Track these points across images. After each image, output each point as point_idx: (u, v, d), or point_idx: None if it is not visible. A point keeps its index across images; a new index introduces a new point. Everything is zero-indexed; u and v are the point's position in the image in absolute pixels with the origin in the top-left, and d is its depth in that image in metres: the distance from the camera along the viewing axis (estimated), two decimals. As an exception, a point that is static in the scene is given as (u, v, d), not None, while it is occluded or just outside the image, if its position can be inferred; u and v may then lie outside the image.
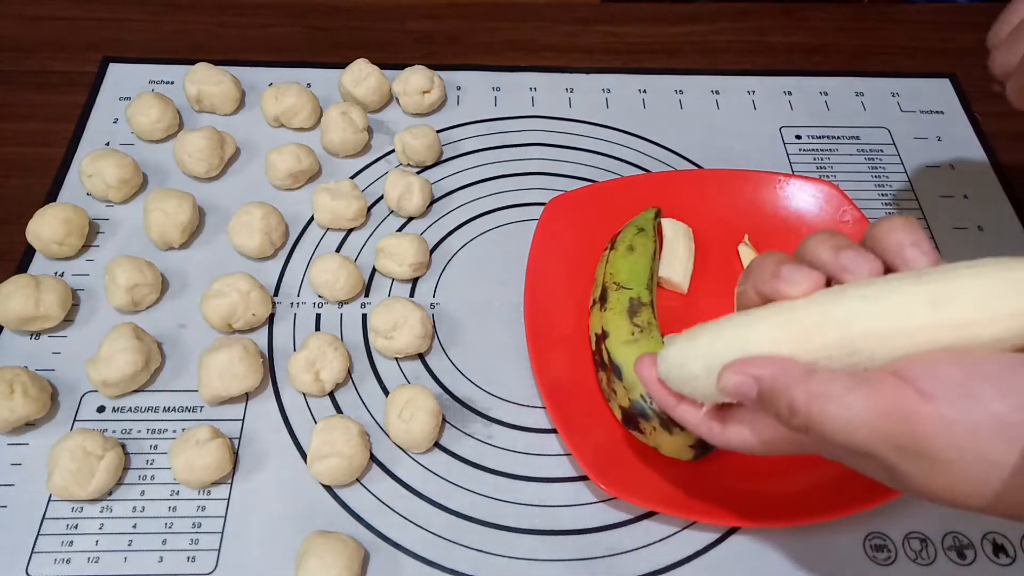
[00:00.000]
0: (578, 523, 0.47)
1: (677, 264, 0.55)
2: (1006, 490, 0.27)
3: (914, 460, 0.28)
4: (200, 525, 0.46)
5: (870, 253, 0.32)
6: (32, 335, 0.53)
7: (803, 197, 0.57)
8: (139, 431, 0.49)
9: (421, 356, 0.53)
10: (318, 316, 0.55)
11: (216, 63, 0.65)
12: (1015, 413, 0.26)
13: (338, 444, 0.46)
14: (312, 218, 0.59)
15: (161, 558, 0.45)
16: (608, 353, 0.48)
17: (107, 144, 0.63)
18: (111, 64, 0.69)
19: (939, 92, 0.70)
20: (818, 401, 0.29)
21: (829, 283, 0.32)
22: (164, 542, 0.45)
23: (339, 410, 0.51)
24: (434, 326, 0.54)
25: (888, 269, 0.31)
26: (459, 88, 0.69)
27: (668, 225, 0.56)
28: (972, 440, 0.26)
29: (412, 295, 0.56)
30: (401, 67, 0.66)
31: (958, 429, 0.27)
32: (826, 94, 0.70)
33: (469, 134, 0.66)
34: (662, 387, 0.36)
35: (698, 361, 0.33)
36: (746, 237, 0.57)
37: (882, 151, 0.66)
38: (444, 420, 0.50)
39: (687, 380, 0.34)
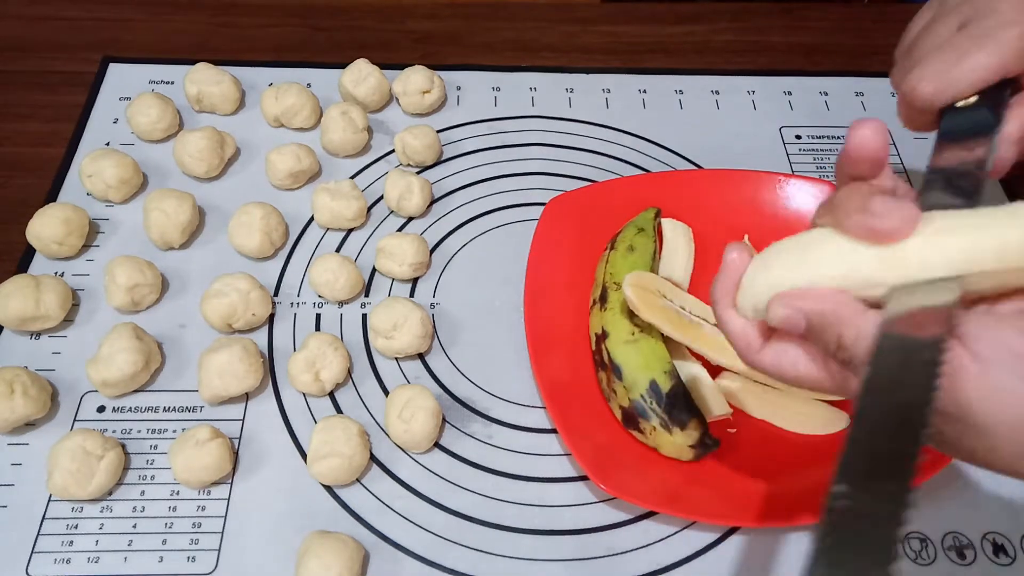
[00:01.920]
0: (578, 523, 0.47)
1: (677, 264, 0.55)
2: None
3: (949, 421, 0.27)
4: (200, 525, 0.46)
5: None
6: (32, 335, 0.53)
7: (803, 197, 0.57)
8: (139, 431, 0.49)
9: (421, 356, 0.53)
10: (318, 316, 0.55)
11: (216, 63, 0.65)
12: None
13: (338, 444, 0.46)
14: (312, 218, 0.59)
15: (161, 558, 0.45)
16: (608, 353, 0.48)
17: (107, 144, 0.63)
18: (111, 64, 0.69)
19: (939, 92, 0.70)
20: (865, 341, 0.28)
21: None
22: (164, 542, 0.45)
23: (339, 410, 0.51)
24: (434, 326, 0.54)
25: None
26: (459, 88, 0.69)
27: (668, 225, 0.56)
28: (1015, 412, 0.26)
29: (412, 295, 0.56)
30: (401, 67, 0.66)
31: (1002, 398, 0.26)
32: (826, 94, 0.70)
33: (469, 134, 0.66)
34: (730, 284, 0.34)
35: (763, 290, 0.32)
36: (746, 237, 0.57)
37: (882, 151, 0.66)
38: (444, 420, 0.50)
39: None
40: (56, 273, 0.55)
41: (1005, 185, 0.63)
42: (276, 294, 0.56)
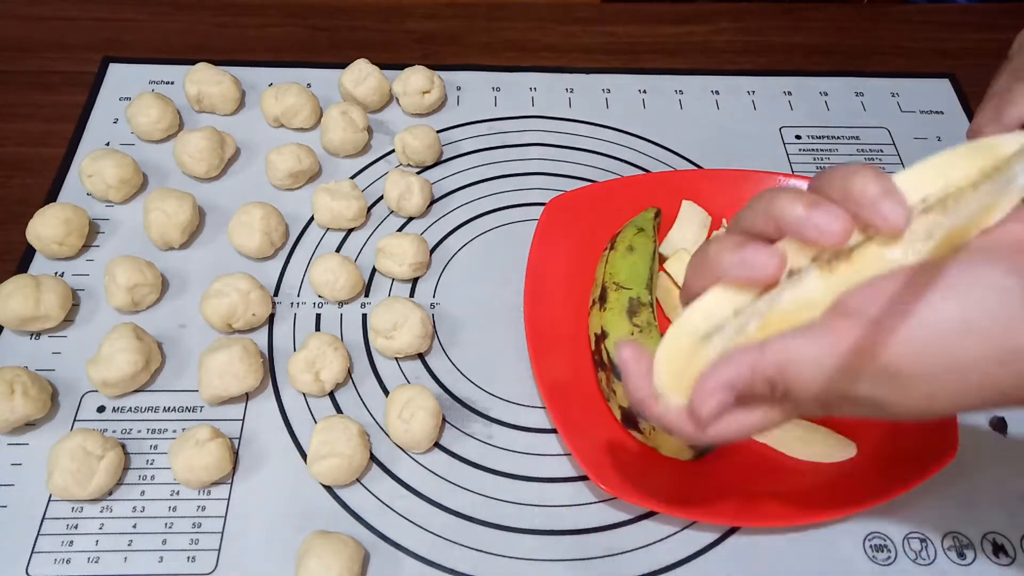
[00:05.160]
0: (578, 523, 0.47)
1: (689, 233, 0.56)
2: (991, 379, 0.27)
3: (888, 383, 0.28)
4: (200, 525, 0.46)
5: (840, 208, 0.29)
6: (32, 335, 0.53)
7: (803, 197, 0.57)
8: (139, 431, 0.49)
9: (421, 356, 0.53)
10: (318, 316, 0.55)
11: (216, 63, 0.65)
12: (974, 311, 0.27)
13: (338, 444, 0.46)
14: (312, 218, 0.59)
15: (161, 558, 0.45)
16: (608, 353, 0.48)
17: (107, 144, 0.63)
18: (111, 64, 0.69)
19: (939, 92, 0.71)
20: (785, 365, 0.28)
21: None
22: (164, 542, 0.45)
23: (339, 410, 0.51)
24: (434, 326, 0.54)
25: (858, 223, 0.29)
26: (459, 88, 0.69)
27: (687, 205, 0.57)
28: (937, 347, 0.27)
29: (412, 295, 0.56)
30: (401, 67, 0.66)
31: (919, 339, 0.27)
32: (826, 94, 0.70)
33: (469, 134, 0.66)
34: (642, 383, 0.32)
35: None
36: (724, 221, 0.57)
37: (882, 151, 0.66)
38: (444, 420, 0.50)
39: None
40: (56, 273, 0.55)
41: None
42: (276, 294, 0.56)
